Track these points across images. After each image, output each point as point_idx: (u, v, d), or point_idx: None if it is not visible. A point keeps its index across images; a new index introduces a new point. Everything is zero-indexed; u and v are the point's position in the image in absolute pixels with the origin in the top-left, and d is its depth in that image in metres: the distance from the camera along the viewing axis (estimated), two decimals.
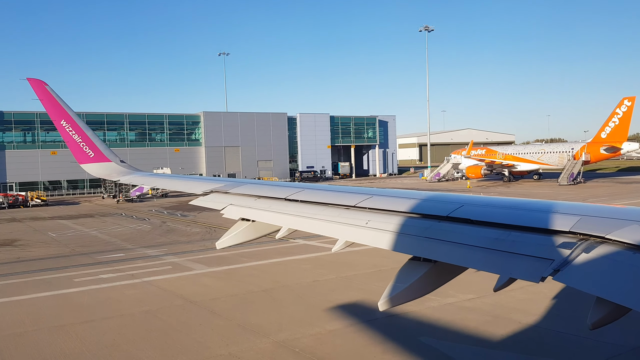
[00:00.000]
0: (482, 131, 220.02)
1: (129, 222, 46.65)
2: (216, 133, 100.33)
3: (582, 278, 3.43)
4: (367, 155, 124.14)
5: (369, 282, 21.12)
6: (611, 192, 61.76)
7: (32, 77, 10.97)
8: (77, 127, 11.37)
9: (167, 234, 38.43)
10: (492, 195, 35.20)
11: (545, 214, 4.37)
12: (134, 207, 62.73)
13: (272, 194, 7.42)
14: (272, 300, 18.98)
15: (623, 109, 73.01)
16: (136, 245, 33.59)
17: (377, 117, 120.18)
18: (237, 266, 25.33)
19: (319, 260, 26.40)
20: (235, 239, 7.03)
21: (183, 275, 23.87)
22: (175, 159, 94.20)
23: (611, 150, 74.48)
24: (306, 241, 31.00)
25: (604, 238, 3.69)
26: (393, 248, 4.88)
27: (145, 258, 28.58)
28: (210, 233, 37.85)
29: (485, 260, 4.10)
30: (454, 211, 4.94)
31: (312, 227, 6.08)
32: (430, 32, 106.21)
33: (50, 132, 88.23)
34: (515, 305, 17.24)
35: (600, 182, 78.98)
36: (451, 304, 17.72)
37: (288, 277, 22.87)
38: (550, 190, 68.15)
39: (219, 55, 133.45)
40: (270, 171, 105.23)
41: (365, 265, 24.46)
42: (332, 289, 20.27)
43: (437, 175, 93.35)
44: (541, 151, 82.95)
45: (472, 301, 17.99)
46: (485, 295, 18.21)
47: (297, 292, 19.96)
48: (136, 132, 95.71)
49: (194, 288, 21.25)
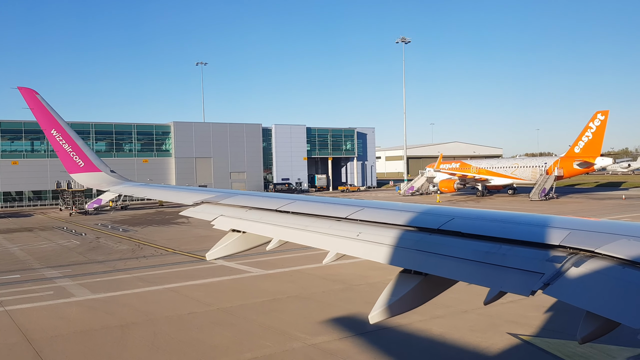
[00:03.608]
0: (469, 144, 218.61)
1: (61, 238, 43.97)
2: (187, 144, 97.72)
3: (572, 292, 3.46)
4: (345, 167, 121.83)
5: (254, 316, 18.61)
6: (580, 209, 59.58)
7: (22, 86, 11.01)
8: (68, 136, 11.40)
9: (89, 251, 35.80)
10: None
11: (535, 228, 4.41)
12: (84, 220, 60.01)
13: (263, 205, 7.37)
14: (117, 343, 16.32)
15: (596, 123, 71.02)
16: (45, 264, 30.96)
17: (355, 129, 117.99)
18: (120, 293, 22.76)
19: (219, 286, 23.88)
20: (225, 250, 6.93)
21: (52, 304, 21.22)
22: (144, 170, 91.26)
23: (584, 165, 72.38)
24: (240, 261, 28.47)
25: (594, 252, 3.72)
26: (384, 260, 4.87)
27: (37, 281, 25.95)
28: (135, 251, 35.29)
29: (475, 274, 4.13)
30: (444, 224, 4.95)
31: (303, 239, 6.05)
32: (407, 43, 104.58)
33: (15, 141, 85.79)
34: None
35: (574, 197, 76.82)
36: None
37: (164, 307, 20.29)
38: (520, 205, 65.88)
39: (197, 65, 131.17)
40: (244, 183, 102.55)
41: (264, 293, 21.98)
42: (199, 327, 17.71)
43: (411, 189, 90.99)
44: (514, 165, 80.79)
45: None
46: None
47: (158, 330, 17.36)
48: (104, 142, 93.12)
49: (47, 322, 18.65)
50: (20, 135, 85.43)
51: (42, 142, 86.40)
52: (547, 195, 72.39)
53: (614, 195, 78.56)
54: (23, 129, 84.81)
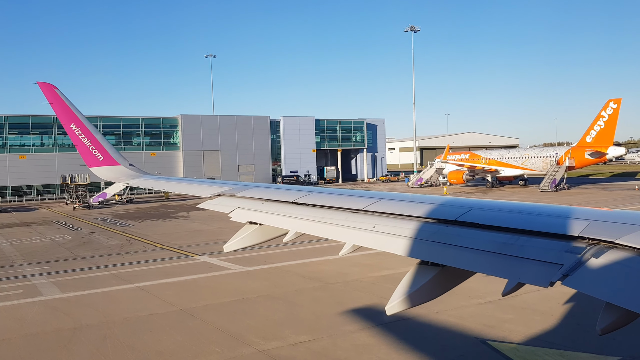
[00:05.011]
0: (485, 135, 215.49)
1: (56, 233, 43.71)
2: (194, 137, 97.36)
3: (591, 283, 3.40)
4: (355, 159, 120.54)
5: (215, 318, 17.80)
6: (589, 200, 57.76)
7: (42, 81, 11.10)
8: (87, 130, 11.55)
9: (78, 247, 35.39)
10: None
11: (554, 219, 4.37)
12: (85, 214, 59.91)
13: (279, 198, 7.35)
14: (63, 348, 15.61)
15: (608, 111, 68.75)
16: (28, 261, 30.58)
17: (365, 120, 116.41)
18: (88, 292, 22.14)
19: (192, 284, 23.14)
20: (242, 243, 6.93)
21: (15, 304, 20.61)
22: (152, 164, 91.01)
23: (596, 155, 70.21)
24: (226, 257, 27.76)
25: (614, 243, 3.65)
26: (400, 252, 4.85)
27: (12, 279, 25.48)
28: (123, 247, 34.79)
29: (493, 265, 4.08)
30: (462, 215, 4.91)
31: (320, 230, 6.04)
32: (417, 32, 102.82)
33: (23, 136, 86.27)
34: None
35: (586, 188, 74.69)
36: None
37: (126, 308, 19.58)
38: (528, 197, 64.20)
39: (206, 57, 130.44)
40: (252, 176, 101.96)
41: (235, 292, 21.17)
42: (153, 330, 16.94)
43: (419, 180, 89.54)
44: (525, 156, 78.76)
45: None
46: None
47: (109, 333, 16.63)
48: (112, 135, 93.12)
49: (2, 323, 18.06)
50: (28, 130, 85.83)
51: (50, 136, 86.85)
52: (558, 186, 70.44)
53: (628, 185, 76.23)
54: (30, 124, 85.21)
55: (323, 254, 28.32)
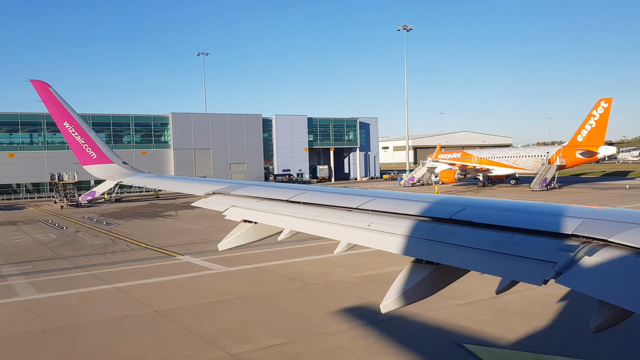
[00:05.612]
0: (478, 134, 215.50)
1: (40, 232, 43.20)
2: (186, 135, 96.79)
3: (584, 281, 3.41)
4: (348, 158, 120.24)
5: (189, 320, 17.42)
6: (580, 199, 57.71)
7: (35, 79, 11.00)
8: (80, 128, 11.48)
9: (61, 246, 34.93)
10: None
11: (548, 217, 4.37)
12: (73, 213, 59.33)
13: (274, 196, 7.37)
14: (30, 351, 15.22)
15: (600, 111, 68.72)
16: (8, 261, 30.11)
17: (357, 119, 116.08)
18: (64, 293, 21.73)
19: (170, 285, 22.77)
20: (237, 241, 6.91)
21: None
22: (142, 162, 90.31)
23: (587, 154, 70.18)
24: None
25: (607, 241, 3.65)
26: (395, 250, 4.82)
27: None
28: (107, 246, 34.35)
29: (487, 263, 4.08)
30: (456, 213, 4.91)
31: (315, 229, 6.03)
32: (409, 31, 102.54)
33: (12, 133, 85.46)
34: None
35: (577, 187, 74.68)
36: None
37: (100, 309, 19.19)
38: (519, 196, 64.11)
39: (198, 55, 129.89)
40: (244, 174, 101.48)
41: (212, 293, 20.80)
42: (125, 332, 16.56)
43: (411, 179, 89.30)
44: (516, 155, 78.66)
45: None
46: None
47: (80, 335, 16.23)
48: (102, 134, 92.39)
49: None
50: (17, 128, 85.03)
51: (39, 134, 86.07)
52: (549, 185, 70.38)
53: (619, 184, 76.26)
54: (19, 121, 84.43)
55: (307, 254, 28.00)
